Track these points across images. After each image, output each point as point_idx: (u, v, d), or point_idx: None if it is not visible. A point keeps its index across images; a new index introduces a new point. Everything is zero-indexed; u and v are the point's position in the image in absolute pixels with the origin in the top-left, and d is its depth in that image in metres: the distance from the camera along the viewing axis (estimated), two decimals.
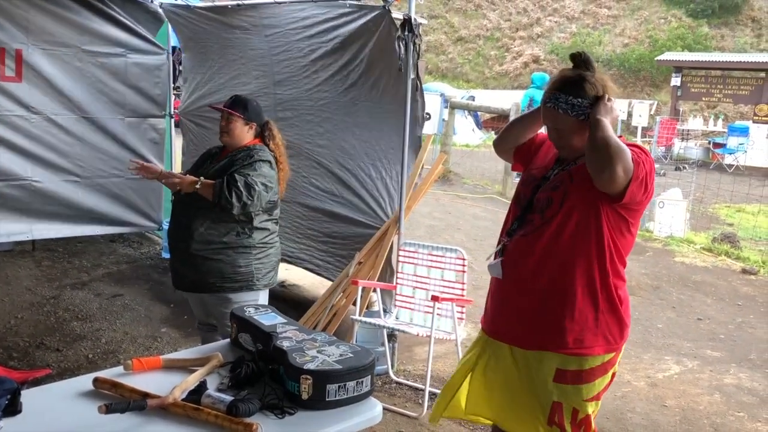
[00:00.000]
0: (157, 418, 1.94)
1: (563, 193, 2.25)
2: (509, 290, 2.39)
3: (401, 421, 3.67)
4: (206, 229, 3.21)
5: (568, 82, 2.24)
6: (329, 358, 2.13)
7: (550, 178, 2.35)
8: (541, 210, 2.29)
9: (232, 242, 3.25)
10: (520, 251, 2.34)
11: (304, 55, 4.73)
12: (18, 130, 5.09)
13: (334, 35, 4.47)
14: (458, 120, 14.66)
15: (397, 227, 4.26)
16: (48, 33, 5.08)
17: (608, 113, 2.19)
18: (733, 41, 24.62)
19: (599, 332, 2.28)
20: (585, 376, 2.30)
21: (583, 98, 2.20)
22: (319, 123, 4.82)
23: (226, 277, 3.26)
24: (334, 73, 4.60)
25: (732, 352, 5.06)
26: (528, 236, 2.32)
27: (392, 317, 4.26)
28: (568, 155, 2.33)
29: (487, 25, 28.37)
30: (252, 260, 3.31)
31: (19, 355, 4.26)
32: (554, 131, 2.31)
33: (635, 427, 3.81)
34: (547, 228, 2.27)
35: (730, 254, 7.84)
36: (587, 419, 2.33)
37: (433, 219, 8.83)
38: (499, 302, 2.45)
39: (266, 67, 5.04)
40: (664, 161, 15.45)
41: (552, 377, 2.30)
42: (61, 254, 6.30)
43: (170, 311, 5.10)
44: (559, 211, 2.25)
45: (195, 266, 3.26)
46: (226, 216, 3.20)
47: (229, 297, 3.27)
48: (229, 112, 3.28)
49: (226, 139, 3.34)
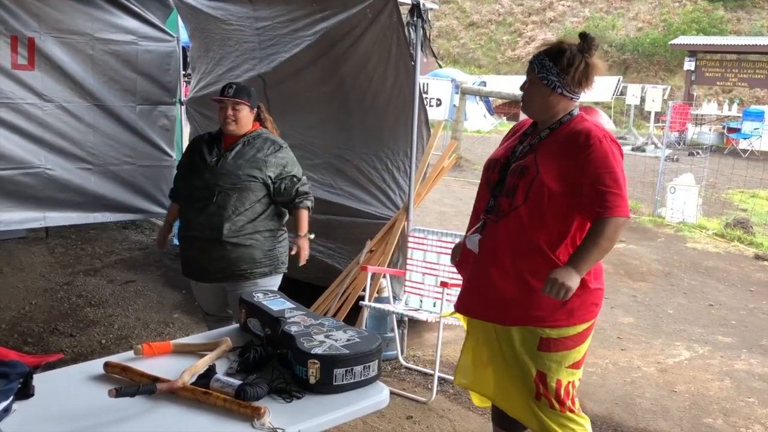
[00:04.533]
0: (166, 401, 1.97)
1: (529, 183, 2.32)
2: (484, 271, 2.45)
3: (410, 406, 3.69)
4: (237, 215, 3.20)
5: (553, 48, 2.38)
6: (336, 343, 2.15)
7: (517, 152, 2.44)
8: (509, 195, 2.37)
9: (260, 226, 3.26)
10: (492, 235, 2.42)
11: (293, 47, 4.69)
12: (31, 118, 5.13)
13: (326, 25, 4.41)
14: (469, 106, 14.60)
15: (407, 214, 4.27)
16: (60, 21, 5.10)
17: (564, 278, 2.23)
18: (749, 24, 24.25)
19: (573, 305, 2.35)
20: (568, 343, 2.38)
21: (554, 65, 2.33)
22: (311, 113, 4.81)
23: (257, 262, 3.27)
24: (324, 62, 4.56)
25: (743, 338, 5.04)
26: (498, 222, 2.40)
27: (402, 303, 4.28)
28: (527, 111, 2.48)
29: (499, 9, 28.13)
30: (276, 244, 3.34)
31: (33, 341, 4.32)
32: (527, 82, 2.44)
33: (645, 412, 3.81)
34: (515, 214, 2.35)
35: (742, 240, 7.79)
36: (569, 386, 2.42)
37: (443, 205, 8.82)
38: (473, 282, 2.52)
39: (257, 60, 5.03)
40: (677, 146, 15.32)
41: (536, 346, 2.39)
42: (74, 241, 6.36)
43: (182, 297, 5.14)
44: (525, 199, 2.32)
45: (224, 254, 3.22)
46: (254, 200, 3.22)
47: (258, 282, 3.27)
48: (237, 101, 3.27)
49: (233, 128, 3.29)
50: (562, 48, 2.35)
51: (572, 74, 2.32)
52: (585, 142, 2.27)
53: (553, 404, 2.41)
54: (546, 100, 2.38)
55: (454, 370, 2.80)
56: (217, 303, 3.54)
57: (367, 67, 4.36)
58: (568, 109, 2.40)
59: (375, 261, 4.32)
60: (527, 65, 2.44)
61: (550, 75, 2.34)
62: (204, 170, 3.26)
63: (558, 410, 2.42)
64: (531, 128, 2.51)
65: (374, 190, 4.61)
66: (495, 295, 2.41)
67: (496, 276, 2.40)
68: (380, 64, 4.27)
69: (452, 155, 4.64)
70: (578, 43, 2.35)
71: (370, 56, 4.30)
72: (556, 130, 2.38)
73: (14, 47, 4.93)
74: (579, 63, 2.32)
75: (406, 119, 4.21)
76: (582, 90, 2.39)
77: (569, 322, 2.37)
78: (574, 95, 2.38)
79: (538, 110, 2.44)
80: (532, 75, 2.40)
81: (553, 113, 2.40)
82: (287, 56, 4.74)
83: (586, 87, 2.38)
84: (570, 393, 2.43)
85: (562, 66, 2.32)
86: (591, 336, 2.47)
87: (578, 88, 2.37)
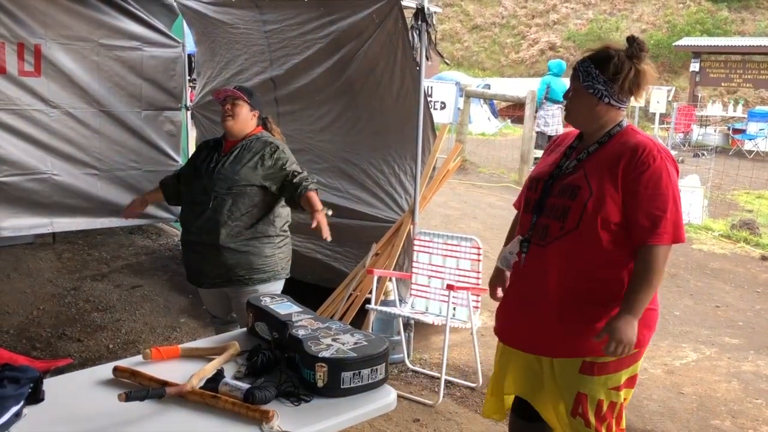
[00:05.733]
0: (175, 405, 1.98)
1: (582, 205, 2.19)
2: (529, 299, 2.34)
3: (417, 409, 3.69)
4: (233, 220, 3.19)
5: (599, 54, 2.25)
6: (344, 346, 2.16)
7: (563, 168, 2.32)
8: (559, 218, 2.24)
9: (257, 232, 3.25)
10: (539, 261, 2.29)
11: (302, 50, 4.72)
12: (37, 125, 5.15)
13: (334, 29, 4.44)
14: (474, 109, 14.59)
15: (412, 217, 4.28)
16: (66, 27, 5.13)
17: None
18: (754, 25, 24.18)
19: None
20: (612, 366, 2.27)
21: (601, 73, 2.20)
22: (320, 117, 4.83)
23: (255, 268, 3.25)
24: (332, 66, 4.58)
25: (750, 339, 5.03)
26: (546, 247, 2.26)
27: (408, 306, 4.29)
28: (572, 121, 2.34)
29: (502, 12, 28.13)
30: (275, 249, 3.32)
31: (41, 346, 4.34)
32: (571, 90, 2.32)
33: (652, 414, 3.80)
34: (568, 239, 2.22)
35: (749, 241, 7.76)
36: (612, 407, 2.31)
37: (448, 208, 8.82)
38: (515, 309, 2.41)
39: (266, 63, 5.05)
40: (683, 148, 15.29)
41: (578, 369, 2.28)
42: (81, 246, 6.38)
43: (189, 302, 5.16)
44: (579, 222, 2.19)
45: (221, 260, 3.22)
46: (250, 205, 3.21)
47: (257, 289, 3.25)
48: (237, 95, 3.26)
49: (230, 123, 3.25)
50: (608, 54, 2.21)
51: (621, 82, 2.18)
52: (638, 158, 2.14)
53: (589, 422, 2.29)
54: (593, 111, 2.24)
55: (484, 400, 2.66)
56: (222, 307, 3.55)
57: (374, 71, 4.37)
58: (616, 120, 2.26)
59: (381, 264, 4.33)
60: (571, 72, 2.29)
61: (597, 84, 2.20)
62: (202, 175, 3.27)
63: (594, 428, 2.30)
64: (577, 141, 2.37)
65: (381, 194, 4.62)
66: (542, 327, 2.30)
67: (544, 306, 2.27)
68: (387, 69, 4.29)
69: (457, 158, 4.64)
70: (626, 48, 2.21)
71: (377, 60, 4.32)
72: (605, 144, 2.25)
73: (21, 54, 4.96)
74: (628, 70, 2.18)
75: (412, 123, 4.23)
76: (631, 99, 2.26)
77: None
78: (622, 105, 2.24)
79: (584, 121, 2.29)
80: (576, 83, 2.26)
81: (600, 124, 2.26)
82: (299, 59, 4.77)
83: (637, 96, 2.25)
84: (614, 412, 2.31)
85: (609, 74, 2.18)
86: (642, 359, 2.37)
87: (627, 97, 2.24)
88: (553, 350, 2.31)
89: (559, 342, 2.28)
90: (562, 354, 2.29)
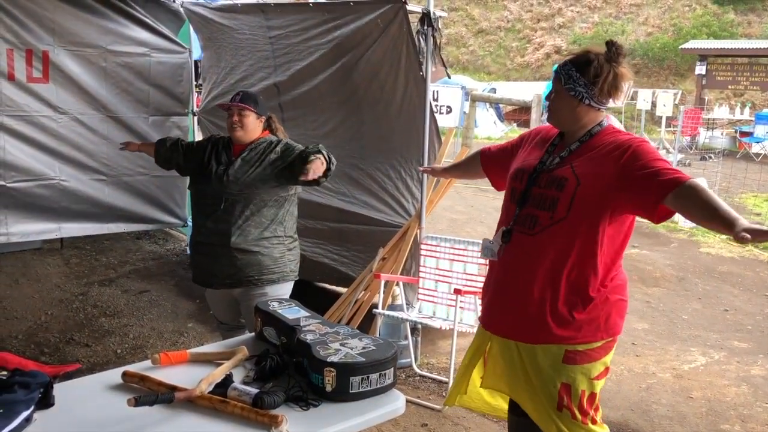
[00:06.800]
0: (184, 410, 1.98)
1: (570, 195, 2.25)
2: (514, 287, 2.38)
3: (425, 414, 3.69)
4: (244, 221, 3.22)
5: (579, 58, 2.32)
6: (352, 351, 2.16)
7: (546, 164, 2.37)
8: (548, 208, 2.29)
9: (268, 233, 3.27)
10: (525, 249, 2.34)
11: (306, 56, 4.72)
12: (46, 131, 5.18)
13: (338, 34, 4.44)
14: (480, 113, 14.61)
15: (419, 222, 4.28)
16: (74, 34, 5.15)
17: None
18: (760, 27, 24.13)
19: (602, 320, 2.31)
20: (594, 355, 2.33)
21: (582, 75, 2.28)
22: (325, 122, 4.83)
23: (265, 268, 3.27)
24: (336, 71, 4.58)
25: (759, 343, 5.00)
26: (535, 236, 2.31)
27: (415, 311, 4.28)
28: (554, 122, 2.41)
29: (508, 16, 28.17)
30: (285, 251, 3.34)
31: (50, 351, 4.36)
32: (552, 92, 2.39)
33: (661, 418, 3.79)
34: (557, 228, 2.27)
35: (757, 244, 7.73)
36: (592, 397, 2.37)
37: (455, 212, 8.82)
38: (499, 297, 2.45)
39: (270, 69, 5.06)
40: (690, 151, 15.26)
41: (561, 359, 2.32)
42: (88, 252, 6.41)
43: (196, 307, 5.17)
44: (568, 212, 2.25)
45: (232, 261, 3.24)
46: (261, 207, 3.23)
47: (266, 291, 3.27)
48: (243, 106, 3.29)
49: (239, 134, 3.29)
50: (588, 58, 2.28)
51: (600, 85, 2.26)
52: (625, 146, 2.21)
53: (575, 415, 2.35)
54: (573, 112, 2.32)
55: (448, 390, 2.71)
56: (230, 312, 3.55)
57: (378, 76, 4.38)
58: (596, 120, 2.34)
59: (388, 269, 4.32)
60: (553, 75, 2.38)
61: (578, 86, 2.28)
62: (212, 178, 3.28)
63: (580, 421, 2.36)
64: (558, 139, 2.44)
65: (387, 198, 4.62)
66: (526, 314, 2.34)
67: (530, 294, 2.32)
68: (391, 73, 4.29)
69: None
70: (605, 52, 2.28)
71: (381, 65, 4.32)
72: (586, 141, 2.33)
73: (29, 61, 4.99)
74: (607, 73, 2.25)
75: (418, 127, 4.23)
76: (610, 100, 2.32)
77: (596, 337, 2.31)
78: (602, 106, 2.32)
79: (565, 121, 2.38)
80: (558, 85, 2.34)
81: (581, 125, 2.34)
82: (302, 65, 4.77)
83: (615, 97, 2.31)
84: (594, 403, 2.39)
85: (590, 77, 2.26)
86: (615, 348, 2.42)
87: (607, 99, 2.31)
88: (536, 337, 2.35)
89: (543, 329, 2.32)
90: (546, 340, 2.33)
